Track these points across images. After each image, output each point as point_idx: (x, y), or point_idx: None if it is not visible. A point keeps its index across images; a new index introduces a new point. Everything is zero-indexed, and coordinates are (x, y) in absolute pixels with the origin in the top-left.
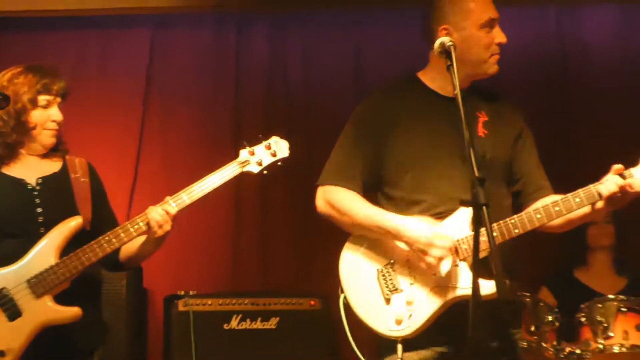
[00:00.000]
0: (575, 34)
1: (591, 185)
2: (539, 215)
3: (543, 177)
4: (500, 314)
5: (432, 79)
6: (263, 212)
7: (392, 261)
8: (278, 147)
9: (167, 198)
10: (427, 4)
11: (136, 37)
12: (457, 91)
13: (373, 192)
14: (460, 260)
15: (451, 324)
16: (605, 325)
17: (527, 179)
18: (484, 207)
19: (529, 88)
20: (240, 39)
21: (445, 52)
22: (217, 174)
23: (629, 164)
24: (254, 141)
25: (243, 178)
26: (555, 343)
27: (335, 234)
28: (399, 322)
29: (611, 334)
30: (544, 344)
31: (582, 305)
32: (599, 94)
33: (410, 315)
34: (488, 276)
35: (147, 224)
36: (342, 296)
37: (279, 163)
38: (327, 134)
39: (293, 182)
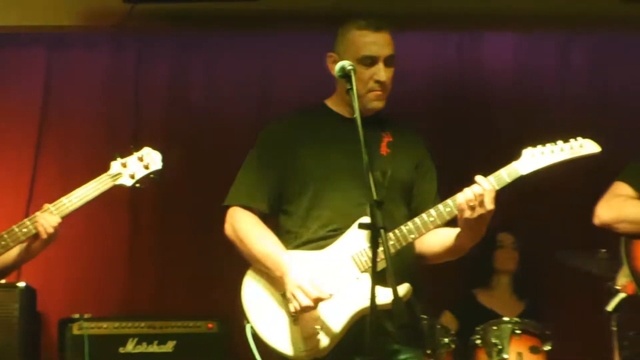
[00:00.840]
0: (474, 59)
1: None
2: (432, 218)
3: None
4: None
5: (337, 103)
6: (160, 232)
7: None
8: (151, 159)
9: (37, 213)
10: (333, 29)
11: (32, 55)
12: (357, 114)
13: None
14: (362, 272)
15: (361, 337)
16: (500, 347)
17: (421, 207)
18: (382, 230)
19: (430, 109)
20: (140, 60)
21: (346, 75)
22: (86, 187)
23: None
24: (125, 153)
25: (140, 197)
26: None
27: (235, 253)
28: (308, 342)
29: (505, 356)
30: None
31: (478, 328)
32: (495, 117)
33: (319, 334)
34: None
35: (17, 239)
36: (248, 326)
37: (152, 175)
38: (229, 157)
39: (192, 201)
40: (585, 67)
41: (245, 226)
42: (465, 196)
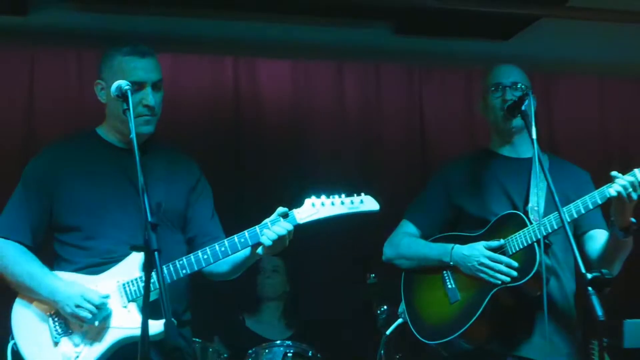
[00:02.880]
0: (249, 83)
1: (256, 227)
2: (205, 256)
3: (217, 227)
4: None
5: (107, 131)
6: None
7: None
8: None
9: None
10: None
11: None
12: (134, 134)
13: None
14: (130, 302)
15: None
16: None
17: (200, 229)
18: (156, 252)
19: (204, 131)
20: None
21: (123, 95)
22: None
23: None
24: None
25: None
26: None
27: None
28: None
29: None
30: None
31: (250, 351)
32: (268, 140)
33: (77, 358)
34: (158, 318)
35: None
36: (11, 342)
37: None
38: None
39: None
40: (358, 95)
41: (8, 253)
42: (269, 238)
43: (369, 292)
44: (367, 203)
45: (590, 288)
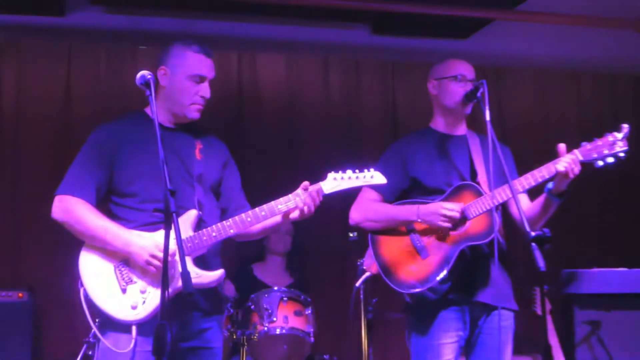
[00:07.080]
0: (251, 75)
1: (290, 195)
2: (249, 219)
3: (244, 198)
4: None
5: (159, 113)
6: None
7: (126, 258)
8: None
9: None
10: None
11: None
12: (155, 115)
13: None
14: (186, 255)
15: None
16: (270, 311)
17: (230, 199)
18: (174, 214)
19: (210, 117)
20: None
21: (146, 83)
22: None
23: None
24: None
25: None
26: (229, 327)
27: (47, 228)
28: (134, 308)
29: (274, 319)
30: None
31: (252, 295)
32: (269, 133)
33: (144, 302)
34: (205, 268)
35: None
36: (81, 289)
37: None
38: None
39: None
40: (341, 85)
41: (79, 209)
42: (294, 203)
43: (351, 248)
44: (377, 177)
45: (533, 244)
